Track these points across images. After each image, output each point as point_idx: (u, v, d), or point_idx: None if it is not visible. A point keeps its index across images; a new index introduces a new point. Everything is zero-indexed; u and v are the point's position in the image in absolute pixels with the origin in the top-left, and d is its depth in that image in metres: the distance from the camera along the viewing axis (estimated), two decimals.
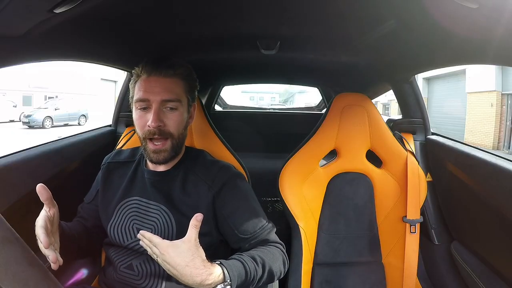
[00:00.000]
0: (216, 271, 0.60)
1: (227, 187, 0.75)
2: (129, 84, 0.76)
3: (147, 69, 0.71)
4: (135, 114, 0.72)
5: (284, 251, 0.76)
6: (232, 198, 0.75)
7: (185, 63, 0.77)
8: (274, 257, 0.72)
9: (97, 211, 0.80)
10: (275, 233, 0.79)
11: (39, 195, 0.60)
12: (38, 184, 0.61)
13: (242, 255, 0.68)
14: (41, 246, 0.57)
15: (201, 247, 0.61)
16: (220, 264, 0.62)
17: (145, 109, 0.70)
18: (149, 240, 0.60)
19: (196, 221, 0.60)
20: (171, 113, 0.71)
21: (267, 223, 0.76)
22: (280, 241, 0.77)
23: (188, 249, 0.59)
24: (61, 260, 0.57)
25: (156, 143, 0.70)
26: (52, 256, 0.56)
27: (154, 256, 0.60)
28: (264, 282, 0.69)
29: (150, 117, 0.68)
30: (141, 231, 0.62)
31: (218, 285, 0.60)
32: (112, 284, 0.75)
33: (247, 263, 0.65)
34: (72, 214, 1.00)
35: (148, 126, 0.68)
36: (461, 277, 0.98)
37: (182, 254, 0.58)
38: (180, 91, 0.72)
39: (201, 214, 0.61)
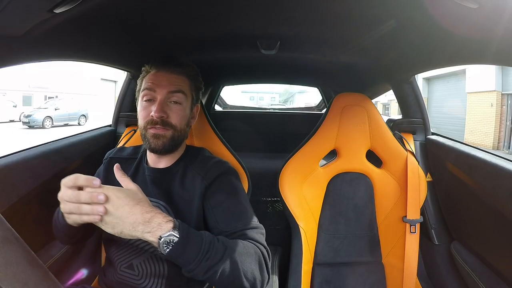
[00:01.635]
0: (163, 215, 0.55)
1: (219, 180, 0.75)
2: (137, 80, 0.80)
3: (156, 65, 0.75)
4: (140, 105, 0.75)
5: (266, 256, 0.65)
6: (221, 191, 0.74)
7: (193, 64, 0.80)
8: (245, 252, 0.61)
9: None
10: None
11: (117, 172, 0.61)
12: (117, 164, 0.62)
13: (207, 233, 0.61)
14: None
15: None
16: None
17: (150, 101, 0.73)
18: (73, 182, 0.52)
19: (120, 172, 0.60)
20: (175, 106, 0.74)
21: (253, 222, 0.70)
22: (265, 245, 0.67)
23: (135, 190, 0.56)
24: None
25: (157, 127, 0.72)
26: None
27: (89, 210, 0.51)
28: (224, 273, 0.57)
29: (154, 108, 0.71)
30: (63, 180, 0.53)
31: (165, 230, 0.53)
32: (112, 284, 0.75)
33: (206, 237, 0.58)
34: None
35: (151, 115, 0.71)
36: (461, 277, 0.98)
37: (126, 195, 0.54)
38: (185, 88, 0.76)
39: (118, 164, 0.61)
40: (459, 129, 10.04)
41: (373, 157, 1.04)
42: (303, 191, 0.99)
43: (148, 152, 0.79)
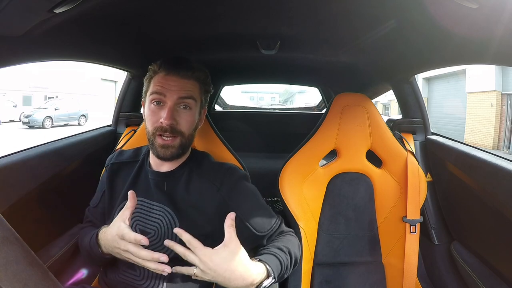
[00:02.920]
0: (260, 268, 0.62)
1: (238, 189, 0.76)
2: (144, 79, 0.77)
3: (166, 66, 0.72)
4: (148, 108, 0.73)
5: (295, 235, 0.81)
6: (246, 200, 0.76)
7: (203, 67, 0.78)
8: (293, 244, 0.76)
9: (104, 214, 0.80)
10: None
11: (130, 199, 0.65)
12: (131, 191, 0.66)
13: (269, 248, 0.71)
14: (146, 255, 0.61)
15: (241, 246, 0.61)
16: (261, 261, 0.64)
17: (159, 104, 0.71)
18: (188, 242, 0.59)
19: (230, 220, 0.61)
20: (185, 112, 0.72)
21: (277, 217, 0.79)
22: (291, 228, 0.82)
23: (233, 251, 0.59)
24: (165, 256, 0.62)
25: (166, 138, 0.71)
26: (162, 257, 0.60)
27: (191, 261, 0.59)
28: (291, 268, 0.73)
29: (164, 114, 0.69)
30: (176, 229, 0.61)
31: (264, 281, 0.62)
32: (113, 284, 0.75)
33: (279, 254, 0.68)
34: (72, 214, 1.00)
35: (161, 122, 0.69)
36: (461, 277, 0.98)
37: (227, 258, 0.58)
38: (196, 93, 0.74)
39: (233, 212, 0.63)
40: (459, 129, 10.05)
41: (373, 157, 1.04)
42: (303, 191, 0.99)
43: (151, 155, 0.78)
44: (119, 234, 0.62)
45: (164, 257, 0.59)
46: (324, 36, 0.94)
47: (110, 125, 1.30)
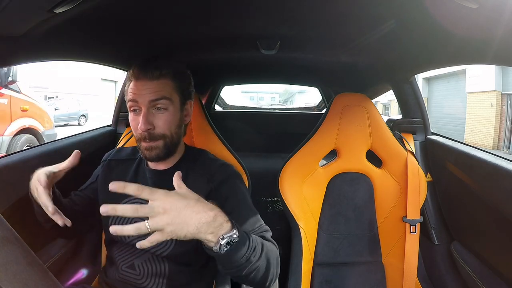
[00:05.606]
0: (223, 214, 0.53)
1: (228, 184, 0.75)
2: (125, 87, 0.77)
3: (135, 72, 0.71)
4: (130, 116, 0.74)
5: (279, 254, 0.70)
6: (233, 197, 0.74)
7: (175, 62, 0.76)
8: (272, 251, 0.66)
9: (86, 200, 0.81)
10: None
11: (72, 156, 0.66)
12: (76, 150, 0.65)
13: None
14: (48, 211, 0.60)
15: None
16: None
17: (136, 111, 0.71)
18: (134, 191, 0.48)
19: (178, 175, 0.55)
20: (161, 114, 0.71)
21: (263, 225, 0.74)
22: (276, 244, 0.72)
23: (185, 192, 0.52)
24: (68, 221, 0.61)
25: (147, 141, 0.71)
26: (60, 220, 0.60)
27: (143, 213, 0.48)
28: (259, 269, 0.59)
29: (139, 121, 0.69)
30: (112, 184, 0.49)
31: (226, 229, 0.52)
32: (113, 283, 0.75)
33: (250, 234, 0.59)
34: None
35: (139, 129, 0.69)
36: (461, 277, 0.98)
37: (181, 197, 0.50)
38: (169, 91, 0.71)
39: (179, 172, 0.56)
40: (459, 129, 10.05)
41: (373, 157, 1.04)
42: (303, 191, 0.99)
43: None
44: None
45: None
46: (324, 36, 0.94)
47: (110, 125, 1.30)
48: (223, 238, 0.51)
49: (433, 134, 1.19)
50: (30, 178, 0.66)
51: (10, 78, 3.55)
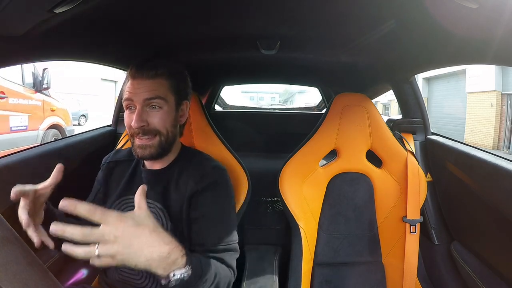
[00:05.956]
0: (180, 248, 0.51)
1: (210, 191, 0.73)
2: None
3: (132, 72, 0.71)
4: (125, 113, 0.74)
5: (233, 279, 0.71)
6: (210, 205, 0.72)
7: (172, 62, 0.76)
8: (225, 277, 0.66)
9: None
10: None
11: (55, 171, 0.63)
12: (59, 164, 0.63)
13: (201, 257, 0.62)
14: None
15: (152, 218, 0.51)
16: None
17: (131, 109, 0.72)
18: (87, 213, 0.44)
19: (142, 190, 0.52)
20: (155, 112, 0.71)
21: (234, 242, 0.72)
22: (235, 270, 0.72)
23: (143, 217, 0.49)
24: (51, 243, 0.58)
25: (142, 138, 0.70)
26: (35, 238, 0.57)
27: (94, 239, 0.44)
28: None
29: (133, 118, 0.69)
30: (61, 202, 0.45)
31: (179, 265, 0.51)
32: (113, 283, 0.75)
33: (205, 266, 0.60)
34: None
35: (132, 125, 0.69)
36: (461, 277, 0.98)
37: (136, 223, 0.47)
38: (164, 91, 0.71)
39: (145, 185, 0.54)
40: (459, 129, 10.04)
41: (373, 157, 1.04)
42: (303, 191, 0.99)
43: None
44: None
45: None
46: (324, 36, 0.94)
47: (110, 125, 1.30)
48: (174, 275, 0.50)
49: (433, 134, 1.19)
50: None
51: (45, 85, 4.43)
